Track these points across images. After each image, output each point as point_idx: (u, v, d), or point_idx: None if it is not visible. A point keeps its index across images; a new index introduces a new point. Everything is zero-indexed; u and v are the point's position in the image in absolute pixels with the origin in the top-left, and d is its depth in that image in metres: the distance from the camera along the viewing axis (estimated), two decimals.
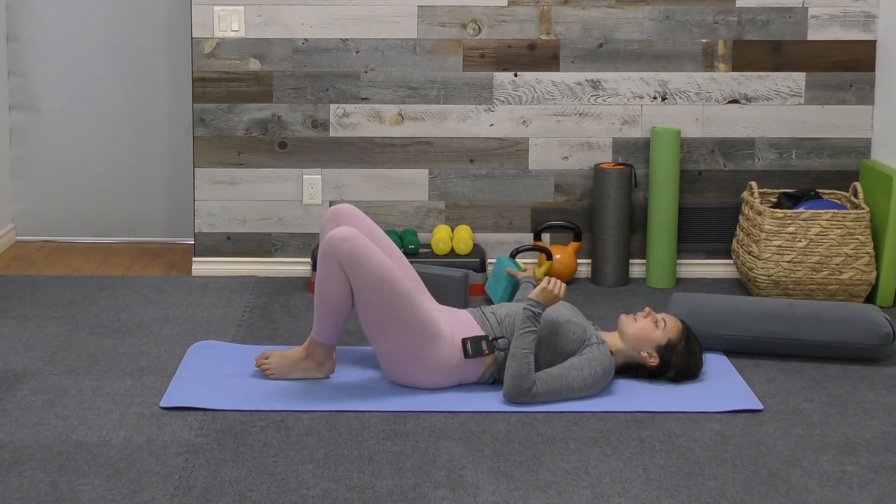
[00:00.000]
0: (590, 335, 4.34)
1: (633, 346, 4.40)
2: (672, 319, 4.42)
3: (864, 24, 5.75)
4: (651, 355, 4.38)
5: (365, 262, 4.22)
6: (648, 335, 4.39)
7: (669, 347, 4.38)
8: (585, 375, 4.25)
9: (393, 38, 5.72)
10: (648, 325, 4.39)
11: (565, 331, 4.32)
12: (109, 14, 6.31)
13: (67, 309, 5.25)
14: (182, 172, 6.42)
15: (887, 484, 3.70)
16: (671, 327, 4.40)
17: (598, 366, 4.28)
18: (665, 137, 5.62)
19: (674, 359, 4.39)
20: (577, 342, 4.31)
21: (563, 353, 4.31)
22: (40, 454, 3.82)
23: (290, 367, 4.44)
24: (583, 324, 4.36)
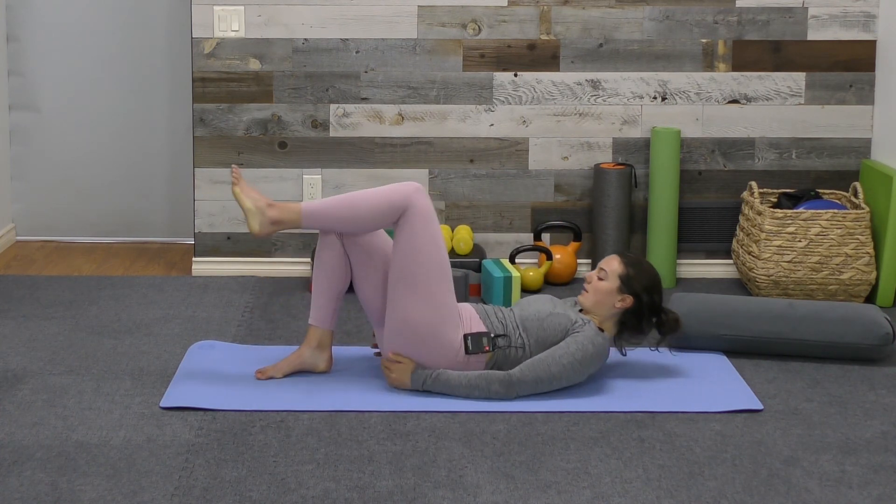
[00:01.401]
0: (574, 320, 4.33)
1: (605, 310, 4.38)
2: (607, 263, 4.40)
3: (864, 24, 5.75)
4: (622, 300, 4.36)
5: (433, 221, 4.26)
6: (604, 291, 4.36)
7: (626, 281, 4.36)
8: (573, 350, 4.25)
9: (393, 38, 5.72)
10: (598, 286, 4.37)
11: (550, 325, 4.32)
12: (109, 14, 6.31)
13: (67, 309, 5.25)
14: (182, 172, 6.42)
15: (887, 484, 3.70)
16: (612, 269, 4.38)
17: (585, 342, 4.27)
18: (665, 137, 5.62)
19: (636, 286, 4.35)
20: (563, 332, 4.32)
21: (551, 342, 4.33)
22: (40, 454, 3.82)
23: (250, 195, 4.33)
24: (565, 313, 4.36)
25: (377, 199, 4.28)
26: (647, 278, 4.38)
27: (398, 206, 4.26)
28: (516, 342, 4.34)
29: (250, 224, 4.33)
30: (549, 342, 4.32)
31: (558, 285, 5.72)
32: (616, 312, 4.40)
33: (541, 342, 4.33)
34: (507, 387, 4.25)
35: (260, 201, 4.32)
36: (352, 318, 5.22)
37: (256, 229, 4.32)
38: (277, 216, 4.32)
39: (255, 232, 4.33)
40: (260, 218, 4.33)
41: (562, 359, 4.26)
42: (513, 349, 4.33)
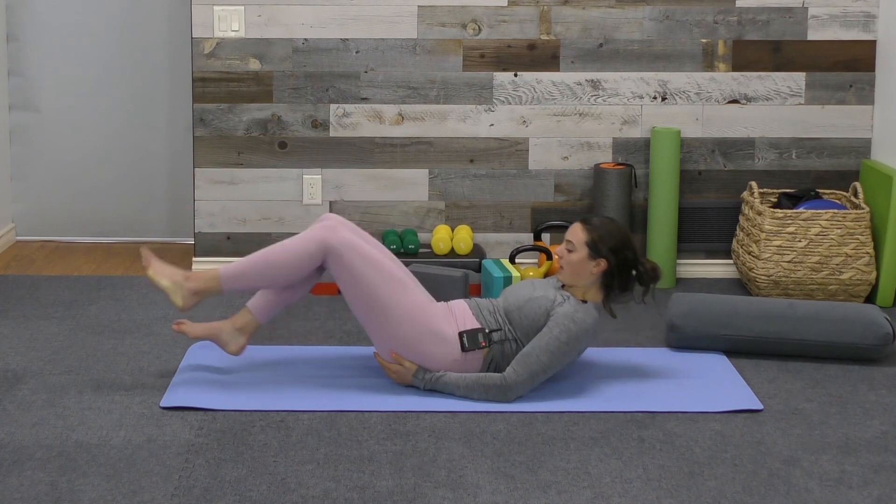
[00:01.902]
0: (554, 299, 4.32)
1: (584, 279, 4.37)
2: (571, 234, 4.37)
3: (864, 24, 5.75)
4: (597, 265, 4.34)
5: (357, 246, 4.26)
6: (577, 262, 4.34)
7: (594, 247, 4.33)
8: (557, 335, 4.24)
9: (393, 38, 5.72)
10: (569, 259, 4.34)
11: (529, 310, 4.31)
12: (109, 14, 6.31)
13: (67, 309, 5.25)
14: (182, 172, 6.42)
15: (887, 484, 3.70)
16: (578, 239, 4.35)
17: (566, 322, 4.25)
18: (665, 137, 5.62)
19: (605, 248, 4.32)
20: (544, 313, 4.30)
21: (537, 327, 4.32)
22: (40, 454, 3.82)
23: (165, 272, 4.35)
24: (545, 294, 4.35)
25: (294, 251, 4.29)
26: (613, 238, 4.35)
27: (316, 253, 4.28)
28: (508, 335, 4.34)
29: (174, 301, 4.34)
30: (534, 327, 4.31)
31: None
32: (595, 278, 4.37)
33: (525, 329, 4.32)
34: (503, 392, 4.25)
35: (176, 276, 4.34)
36: (351, 317, 5.22)
37: (181, 304, 4.34)
38: (197, 287, 4.34)
39: (180, 307, 4.35)
40: (181, 292, 4.34)
41: (549, 346, 4.25)
42: (508, 342, 4.34)
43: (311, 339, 4.93)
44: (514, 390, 4.25)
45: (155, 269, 4.34)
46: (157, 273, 4.34)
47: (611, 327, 5.12)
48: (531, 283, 4.44)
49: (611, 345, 4.91)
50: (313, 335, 4.97)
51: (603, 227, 4.36)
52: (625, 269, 4.37)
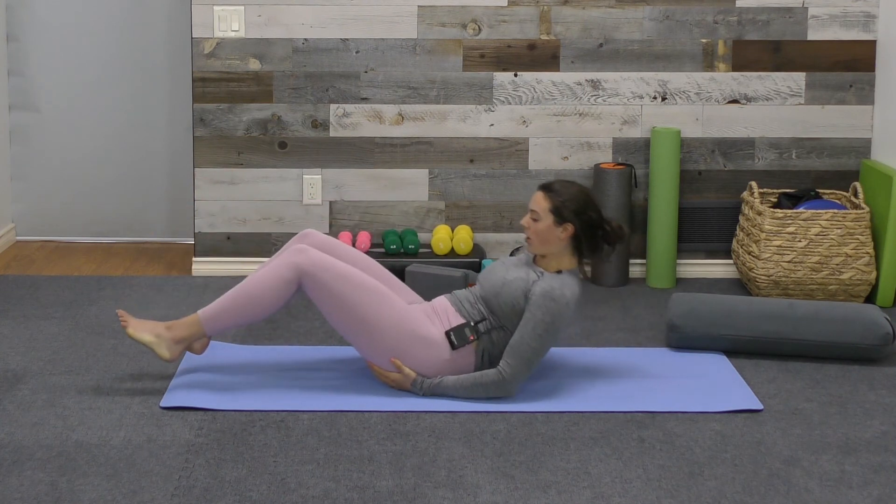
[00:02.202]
0: (529, 277, 4.31)
1: (554, 246, 4.35)
2: (534, 203, 4.35)
3: (864, 24, 5.75)
4: (564, 230, 4.33)
5: (330, 265, 4.25)
6: (544, 231, 4.32)
7: (558, 212, 4.31)
8: (540, 317, 4.22)
9: (393, 38, 5.72)
10: (536, 229, 4.32)
11: (506, 295, 4.29)
12: (109, 14, 6.31)
13: (67, 309, 5.25)
14: (182, 172, 6.42)
15: (887, 484, 3.70)
16: (542, 207, 4.33)
17: (545, 301, 4.22)
18: (665, 137, 5.62)
19: (569, 212, 4.31)
20: (522, 294, 4.29)
21: (518, 310, 4.29)
22: (40, 454, 3.82)
23: (145, 328, 4.32)
24: (518, 275, 4.33)
25: (270, 280, 4.27)
26: (576, 201, 4.34)
27: (292, 279, 4.27)
28: (493, 322, 4.33)
29: (160, 354, 4.32)
30: (515, 311, 4.29)
31: None
32: (565, 244, 4.36)
33: (507, 315, 4.31)
34: (503, 387, 4.25)
35: (157, 329, 4.32)
36: None
37: (168, 356, 4.32)
38: (179, 335, 4.32)
39: (167, 359, 4.33)
40: (165, 344, 4.32)
41: (535, 330, 4.23)
42: (494, 330, 4.33)
43: (311, 339, 4.93)
44: (513, 382, 4.25)
45: (134, 327, 4.31)
46: (138, 330, 4.31)
47: (611, 327, 5.12)
48: (503, 265, 4.42)
49: (611, 345, 4.91)
50: (313, 335, 4.97)
51: (564, 192, 4.34)
52: (591, 230, 4.36)
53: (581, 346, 4.90)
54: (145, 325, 4.32)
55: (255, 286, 4.28)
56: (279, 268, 4.28)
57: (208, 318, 4.30)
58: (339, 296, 4.26)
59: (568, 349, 4.83)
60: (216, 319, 4.30)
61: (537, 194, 4.36)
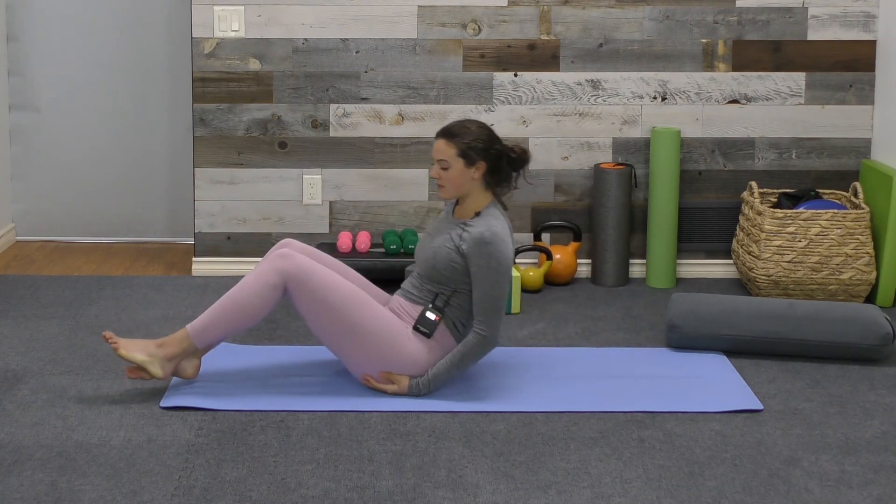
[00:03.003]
0: (453, 236, 4.31)
1: (469, 188, 4.35)
2: (439, 152, 4.33)
3: (864, 24, 5.75)
4: (476, 169, 4.33)
5: (313, 270, 4.24)
6: (457, 176, 4.32)
7: (466, 154, 4.31)
8: (487, 266, 4.22)
9: (393, 38, 5.72)
10: (448, 176, 4.32)
11: (442, 260, 4.29)
12: (109, 14, 6.31)
13: (67, 309, 5.25)
14: (182, 172, 6.42)
15: (887, 484, 3.70)
16: (449, 154, 4.31)
17: (482, 248, 4.22)
18: (665, 137, 5.62)
19: (476, 151, 4.31)
20: (457, 254, 4.29)
21: (461, 269, 4.28)
22: (40, 454, 3.82)
23: (136, 347, 4.27)
24: (443, 240, 4.32)
25: (256, 287, 4.25)
26: (479, 138, 4.34)
27: (278, 284, 4.25)
28: (445, 291, 4.32)
29: (153, 373, 4.27)
30: (459, 272, 4.29)
31: (558, 285, 5.72)
32: (479, 183, 4.36)
33: (453, 278, 4.30)
34: (487, 344, 4.26)
35: (148, 347, 4.28)
36: None
37: (161, 374, 4.28)
38: (171, 351, 4.28)
39: (160, 377, 4.28)
40: (158, 362, 4.28)
41: (488, 279, 4.23)
42: (453, 297, 4.32)
43: (311, 339, 4.93)
44: (494, 334, 4.26)
45: (125, 347, 4.27)
46: (129, 350, 4.27)
47: (611, 327, 5.12)
48: (427, 236, 4.42)
49: (611, 345, 4.91)
50: (313, 335, 4.97)
51: (466, 132, 4.33)
52: (500, 161, 4.37)
53: (581, 346, 4.90)
54: (136, 344, 4.28)
55: (241, 295, 4.25)
56: (265, 274, 4.26)
57: (198, 331, 4.27)
58: (324, 301, 4.24)
59: (568, 349, 4.83)
60: (205, 332, 4.27)
61: (439, 142, 4.34)
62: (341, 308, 4.25)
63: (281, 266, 4.25)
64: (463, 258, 4.27)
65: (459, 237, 4.29)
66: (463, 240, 4.27)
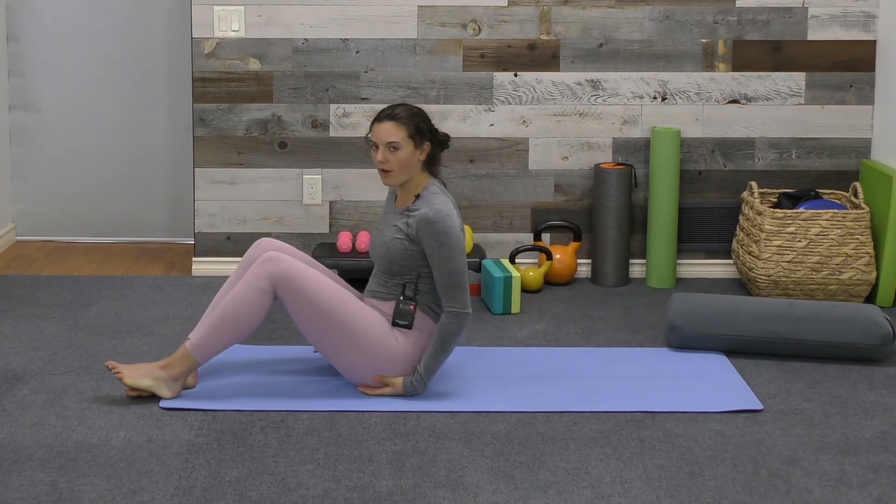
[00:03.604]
0: (401, 224, 4.32)
1: (414, 170, 4.36)
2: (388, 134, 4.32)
3: (864, 24, 5.75)
4: (423, 150, 4.34)
5: (301, 271, 4.24)
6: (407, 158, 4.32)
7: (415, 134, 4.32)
8: (438, 245, 4.23)
9: (393, 38, 5.72)
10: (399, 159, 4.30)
11: (396, 251, 4.31)
12: (109, 14, 6.31)
13: (67, 309, 5.25)
14: (182, 172, 6.42)
15: (887, 484, 3.70)
16: (400, 136, 4.30)
17: (431, 228, 4.23)
18: (665, 137, 5.62)
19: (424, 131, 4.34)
20: (409, 241, 4.30)
21: (417, 254, 4.31)
22: (40, 454, 3.82)
23: (140, 373, 4.24)
24: (391, 231, 4.34)
25: (248, 296, 4.22)
26: (423, 119, 4.36)
27: (269, 289, 4.23)
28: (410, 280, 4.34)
29: (162, 395, 4.24)
30: (415, 256, 4.31)
31: (558, 285, 5.72)
32: (420, 163, 4.37)
33: (412, 265, 4.32)
34: (461, 319, 4.26)
35: (153, 371, 4.25)
36: None
37: (169, 395, 4.25)
38: (175, 372, 4.25)
39: (169, 398, 4.24)
40: (165, 384, 4.24)
41: (443, 256, 4.24)
42: (420, 282, 4.34)
43: None
44: (465, 308, 4.25)
45: (130, 375, 4.24)
46: (134, 377, 4.24)
47: (611, 327, 5.12)
48: (377, 232, 4.43)
49: (611, 345, 4.91)
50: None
51: (412, 114, 4.34)
52: (437, 140, 4.40)
53: (581, 346, 4.90)
54: (139, 369, 4.25)
55: (234, 305, 4.22)
56: (254, 280, 4.23)
57: (197, 347, 4.24)
58: (314, 303, 4.23)
59: (568, 349, 4.83)
60: (205, 347, 4.24)
61: (387, 125, 4.31)
62: (331, 309, 4.24)
63: (270, 270, 4.23)
64: (415, 243, 4.29)
65: (406, 224, 4.30)
66: (409, 226, 4.29)
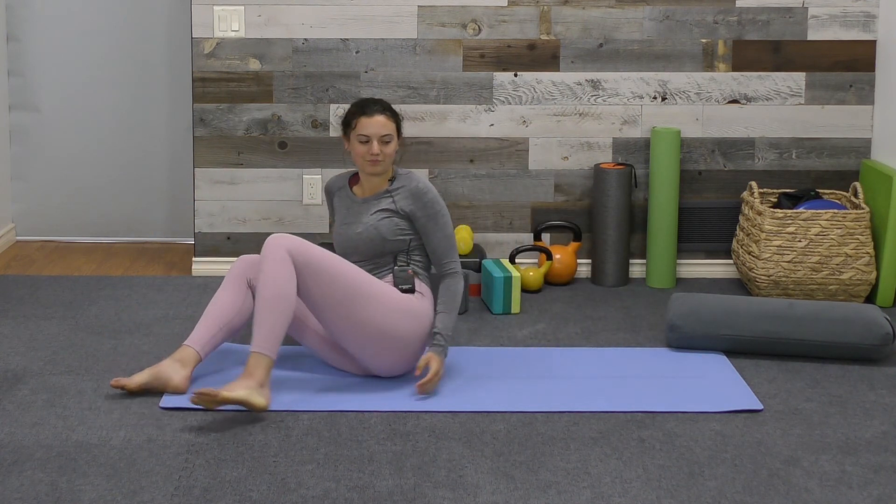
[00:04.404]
0: (389, 205, 4.45)
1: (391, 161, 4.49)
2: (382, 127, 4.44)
3: (864, 24, 5.75)
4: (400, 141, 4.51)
5: (311, 247, 4.28)
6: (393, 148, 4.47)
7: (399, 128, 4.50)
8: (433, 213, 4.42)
9: (393, 38, 5.72)
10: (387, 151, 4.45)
11: (388, 231, 4.44)
12: (109, 14, 6.31)
13: (67, 309, 5.25)
14: (182, 172, 6.42)
15: (887, 484, 3.70)
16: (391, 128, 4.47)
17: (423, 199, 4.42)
18: (665, 137, 5.62)
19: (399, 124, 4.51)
20: (399, 218, 4.43)
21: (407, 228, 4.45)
22: (40, 454, 3.82)
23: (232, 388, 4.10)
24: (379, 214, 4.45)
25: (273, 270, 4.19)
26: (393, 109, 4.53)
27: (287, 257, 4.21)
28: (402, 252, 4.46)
29: (257, 404, 4.08)
30: (407, 231, 4.45)
31: (558, 285, 5.72)
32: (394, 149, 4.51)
33: (403, 239, 4.45)
34: (462, 277, 4.47)
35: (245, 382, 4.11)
36: None
37: (263, 403, 4.11)
38: (259, 378, 4.13)
39: (265, 406, 4.11)
40: (256, 392, 4.11)
41: (439, 221, 4.43)
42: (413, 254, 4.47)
43: None
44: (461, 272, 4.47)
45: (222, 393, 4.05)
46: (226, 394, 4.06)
47: (611, 327, 5.12)
48: (343, 224, 4.53)
49: (611, 345, 4.91)
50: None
51: (389, 107, 4.51)
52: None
53: (581, 346, 4.90)
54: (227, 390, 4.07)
55: (268, 288, 4.18)
56: (271, 256, 4.21)
57: (264, 344, 4.16)
58: (331, 267, 4.26)
59: (568, 349, 4.83)
60: (269, 340, 4.17)
61: (380, 118, 4.46)
62: (349, 274, 4.29)
63: (279, 242, 4.24)
64: (404, 218, 4.45)
65: (393, 202, 4.46)
66: (396, 202, 4.44)
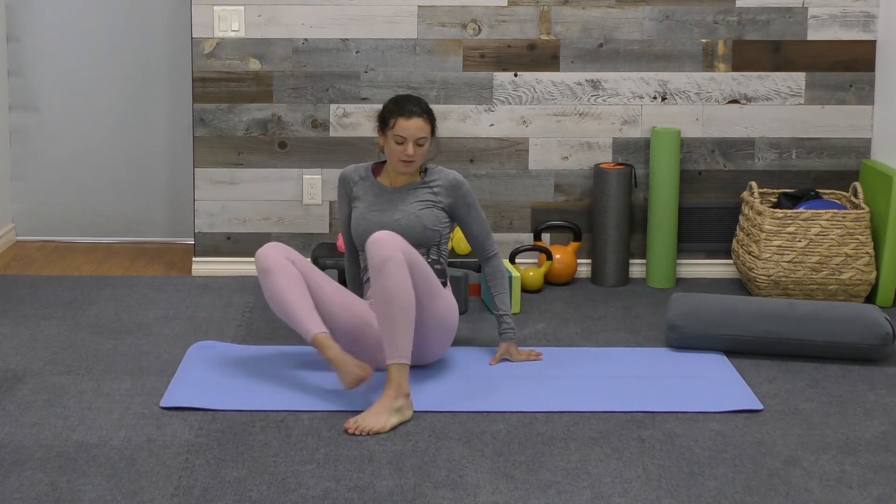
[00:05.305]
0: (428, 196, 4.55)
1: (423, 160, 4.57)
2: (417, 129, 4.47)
3: (864, 24, 5.75)
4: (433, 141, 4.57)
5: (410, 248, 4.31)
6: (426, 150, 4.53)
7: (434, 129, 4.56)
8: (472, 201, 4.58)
9: (393, 38, 5.72)
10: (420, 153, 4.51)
11: (431, 221, 4.54)
12: (109, 14, 6.32)
13: (67, 309, 5.25)
14: (182, 172, 6.43)
15: (887, 484, 3.70)
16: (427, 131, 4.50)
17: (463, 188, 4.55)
18: (665, 137, 5.62)
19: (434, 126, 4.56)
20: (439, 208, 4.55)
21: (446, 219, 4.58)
22: (40, 454, 3.82)
23: (382, 416, 4.04)
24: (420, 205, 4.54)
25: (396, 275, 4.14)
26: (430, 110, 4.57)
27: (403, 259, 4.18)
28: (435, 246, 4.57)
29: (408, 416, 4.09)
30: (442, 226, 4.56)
31: (558, 285, 5.72)
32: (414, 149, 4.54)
33: (436, 235, 4.55)
34: (501, 260, 4.66)
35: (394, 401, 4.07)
36: None
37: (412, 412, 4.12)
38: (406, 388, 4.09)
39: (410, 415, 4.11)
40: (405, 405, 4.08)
41: (478, 209, 4.60)
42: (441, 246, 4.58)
43: None
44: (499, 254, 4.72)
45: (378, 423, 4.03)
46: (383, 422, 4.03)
47: (611, 327, 5.12)
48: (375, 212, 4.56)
49: (611, 345, 4.91)
50: None
51: (428, 106, 4.56)
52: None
53: (581, 346, 4.90)
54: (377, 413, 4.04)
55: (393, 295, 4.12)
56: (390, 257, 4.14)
57: (405, 353, 4.13)
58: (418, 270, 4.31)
59: (568, 349, 4.83)
60: (403, 347, 4.13)
61: (417, 121, 4.48)
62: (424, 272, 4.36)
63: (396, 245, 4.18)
64: (445, 209, 4.56)
65: (433, 193, 4.56)
66: (437, 194, 4.55)
